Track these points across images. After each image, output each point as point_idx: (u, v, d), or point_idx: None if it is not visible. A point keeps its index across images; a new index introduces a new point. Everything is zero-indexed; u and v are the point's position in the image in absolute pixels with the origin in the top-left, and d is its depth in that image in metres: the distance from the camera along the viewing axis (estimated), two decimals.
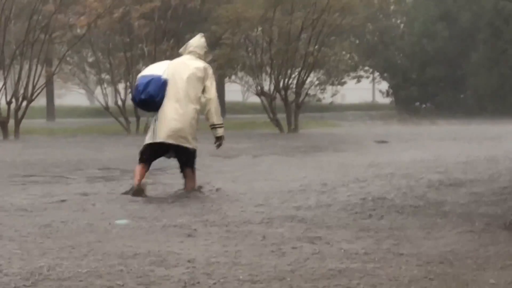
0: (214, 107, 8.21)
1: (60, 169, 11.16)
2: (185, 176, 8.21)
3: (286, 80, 23.78)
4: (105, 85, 25.16)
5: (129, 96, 23.51)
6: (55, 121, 33.30)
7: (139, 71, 26.67)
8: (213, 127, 8.27)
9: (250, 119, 28.64)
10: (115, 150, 15.16)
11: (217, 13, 23.66)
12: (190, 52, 8.39)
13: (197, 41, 8.47)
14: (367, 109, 43.15)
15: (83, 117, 36.21)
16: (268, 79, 24.15)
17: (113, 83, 24.35)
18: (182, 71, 8.19)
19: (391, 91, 39.27)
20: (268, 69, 23.96)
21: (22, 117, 21.21)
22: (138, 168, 8.07)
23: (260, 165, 11.66)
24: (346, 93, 50.85)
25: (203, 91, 8.21)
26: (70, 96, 53.83)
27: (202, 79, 8.20)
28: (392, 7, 39.43)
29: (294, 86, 24.13)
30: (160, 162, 8.61)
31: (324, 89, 37.89)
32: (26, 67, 21.57)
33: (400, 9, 39.02)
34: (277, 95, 23.95)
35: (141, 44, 23.63)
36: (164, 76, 8.16)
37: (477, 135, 19.30)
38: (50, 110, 34.36)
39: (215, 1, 25.19)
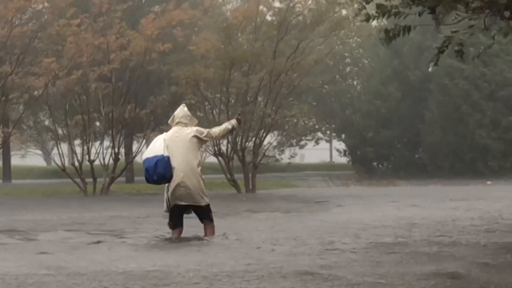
0: (219, 132, 10.05)
1: None
2: (204, 225, 9.73)
3: (244, 141, 23.88)
4: (61, 146, 24.95)
5: (86, 157, 23.40)
6: (12, 182, 32.83)
7: (96, 132, 26.44)
8: (233, 129, 10.24)
9: (209, 179, 28.68)
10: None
11: (176, 74, 23.76)
12: (177, 124, 9.73)
13: (181, 111, 9.82)
14: (326, 169, 43.35)
15: (40, 178, 35.81)
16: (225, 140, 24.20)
17: (70, 144, 24.16)
18: (177, 143, 9.55)
19: (348, 151, 39.32)
20: None
21: None
22: (174, 233, 9.58)
23: None
24: (306, 153, 51.22)
25: (206, 136, 9.83)
26: (28, 157, 53.29)
27: (196, 142, 9.67)
28: (348, 68, 40.00)
29: (251, 147, 24.22)
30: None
31: (283, 150, 38.23)
32: None
33: (357, 71, 39.54)
34: (235, 156, 24.01)
35: (98, 106, 23.56)
36: (166, 154, 9.46)
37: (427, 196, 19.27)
38: (7, 172, 33.88)
39: (174, 63, 25.27)
